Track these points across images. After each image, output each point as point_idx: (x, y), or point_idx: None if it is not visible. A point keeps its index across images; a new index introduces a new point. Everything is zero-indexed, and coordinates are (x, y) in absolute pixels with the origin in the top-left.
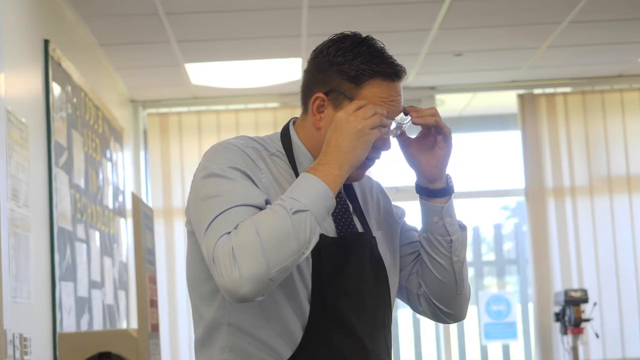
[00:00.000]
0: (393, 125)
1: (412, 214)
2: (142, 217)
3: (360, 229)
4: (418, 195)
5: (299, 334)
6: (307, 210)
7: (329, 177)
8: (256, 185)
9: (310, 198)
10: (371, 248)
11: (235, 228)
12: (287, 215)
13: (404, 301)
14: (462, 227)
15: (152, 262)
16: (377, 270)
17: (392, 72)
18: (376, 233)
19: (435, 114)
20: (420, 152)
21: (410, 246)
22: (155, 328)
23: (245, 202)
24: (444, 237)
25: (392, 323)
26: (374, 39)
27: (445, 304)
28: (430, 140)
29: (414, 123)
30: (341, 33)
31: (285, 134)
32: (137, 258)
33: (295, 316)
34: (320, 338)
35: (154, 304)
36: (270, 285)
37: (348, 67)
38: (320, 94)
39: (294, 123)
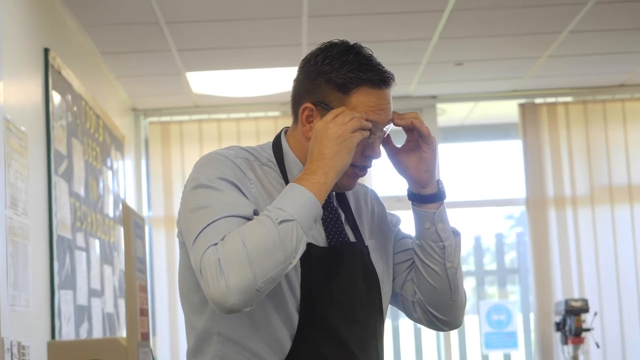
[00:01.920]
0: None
1: (411, 223)
2: (133, 226)
3: (352, 238)
4: (410, 202)
5: (287, 344)
6: (293, 220)
7: (315, 186)
8: (245, 195)
9: (296, 207)
10: (363, 257)
11: (223, 239)
12: (273, 226)
13: (399, 308)
14: (456, 233)
15: (143, 271)
16: (369, 279)
17: (379, 79)
18: (369, 242)
19: (415, 117)
20: (408, 158)
21: (404, 254)
22: (145, 337)
23: (233, 213)
24: (437, 243)
25: (384, 332)
26: (361, 46)
27: (440, 311)
28: (416, 145)
29: (394, 124)
30: (329, 41)
31: (276, 144)
32: (128, 267)
33: (283, 326)
34: (309, 348)
35: (144, 312)
36: (258, 296)
37: (335, 75)
38: (309, 104)
39: (285, 132)
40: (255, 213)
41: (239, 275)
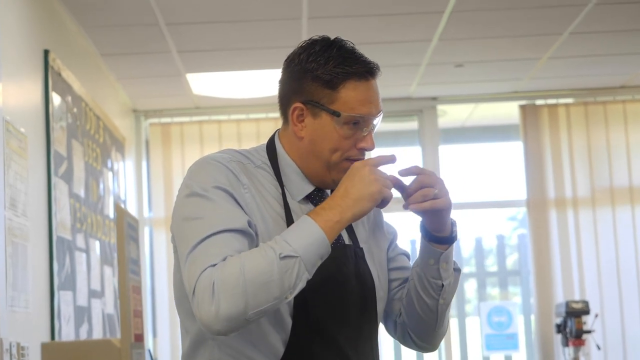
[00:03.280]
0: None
1: (410, 225)
2: (126, 228)
3: (346, 240)
4: (420, 233)
5: (280, 349)
6: (297, 257)
7: (328, 224)
8: (238, 203)
9: (303, 244)
10: (357, 259)
11: (223, 260)
12: (275, 260)
13: (379, 321)
14: (457, 270)
15: (136, 272)
16: (363, 282)
17: (365, 70)
18: (363, 245)
19: (427, 194)
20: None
21: (398, 271)
22: (139, 338)
23: (227, 227)
24: (436, 280)
25: (378, 334)
26: (343, 40)
27: (420, 338)
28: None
29: (409, 209)
30: (310, 39)
31: (270, 146)
32: (121, 268)
33: (275, 331)
34: (303, 352)
35: (137, 314)
36: (246, 324)
37: (322, 72)
38: (298, 104)
39: (279, 134)
40: (249, 224)
41: (231, 304)
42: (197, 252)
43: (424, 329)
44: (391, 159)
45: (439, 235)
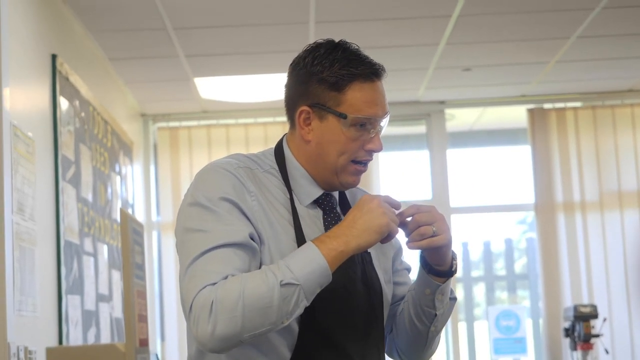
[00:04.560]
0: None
1: None
2: (131, 233)
3: None
4: (419, 263)
5: (287, 354)
6: (298, 285)
7: (332, 253)
8: (244, 213)
9: (305, 272)
10: (364, 264)
11: (224, 279)
12: (276, 286)
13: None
14: (452, 299)
15: (141, 277)
16: (371, 288)
17: (370, 72)
18: (371, 250)
19: (425, 233)
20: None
21: (399, 287)
22: (143, 342)
23: (228, 241)
24: (430, 309)
25: (385, 340)
26: (347, 42)
27: (407, 356)
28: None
29: (409, 248)
30: (314, 42)
31: (278, 150)
32: (125, 273)
33: (282, 337)
34: (309, 357)
35: (142, 318)
36: (240, 344)
37: (327, 74)
38: (305, 107)
39: (286, 138)
40: (252, 236)
41: (227, 326)
42: (196, 266)
43: (412, 349)
44: (398, 204)
45: (438, 268)
